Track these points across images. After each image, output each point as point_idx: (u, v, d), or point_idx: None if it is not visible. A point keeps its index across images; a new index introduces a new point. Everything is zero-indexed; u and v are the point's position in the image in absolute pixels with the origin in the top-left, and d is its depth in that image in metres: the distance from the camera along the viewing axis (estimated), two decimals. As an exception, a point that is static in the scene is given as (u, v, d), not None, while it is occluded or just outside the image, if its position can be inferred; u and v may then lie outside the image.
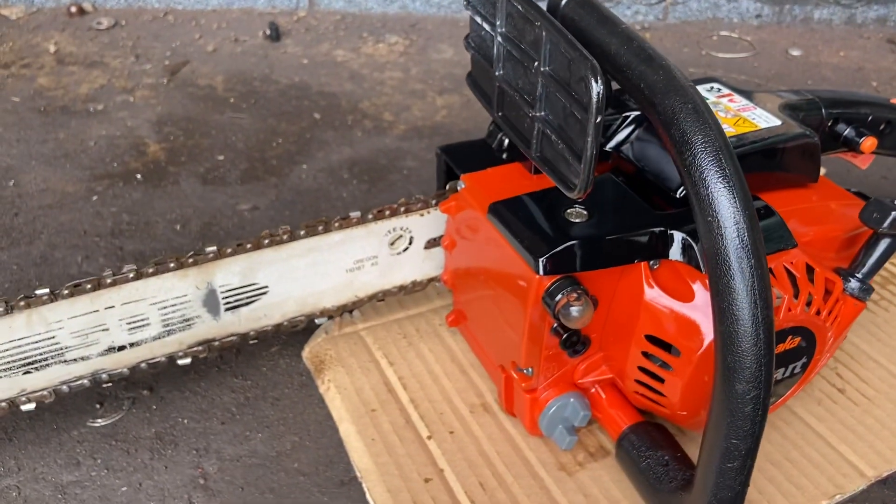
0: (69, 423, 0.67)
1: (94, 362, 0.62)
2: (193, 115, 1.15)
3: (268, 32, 1.38)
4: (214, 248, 0.63)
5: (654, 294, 0.51)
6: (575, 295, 0.48)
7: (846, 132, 0.67)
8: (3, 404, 0.60)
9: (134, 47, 1.34)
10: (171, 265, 0.61)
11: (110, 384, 0.65)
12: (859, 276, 0.56)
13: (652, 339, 0.52)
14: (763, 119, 0.58)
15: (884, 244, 0.55)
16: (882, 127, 0.69)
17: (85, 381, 0.62)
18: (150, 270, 0.61)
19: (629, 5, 1.43)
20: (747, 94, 0.63)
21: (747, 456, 0.42)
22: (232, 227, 0.92)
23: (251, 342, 0.68)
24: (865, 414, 0.65)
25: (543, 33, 0.47)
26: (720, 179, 0.39)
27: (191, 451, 0.65)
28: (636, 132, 0.58)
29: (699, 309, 0.49)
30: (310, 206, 0.96)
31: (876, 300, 0.77)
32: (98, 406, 0.69)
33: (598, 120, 0.44)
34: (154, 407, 0.69)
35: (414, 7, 1.44)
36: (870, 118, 0.68)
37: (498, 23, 0.52)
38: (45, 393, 0.61)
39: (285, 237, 0.65)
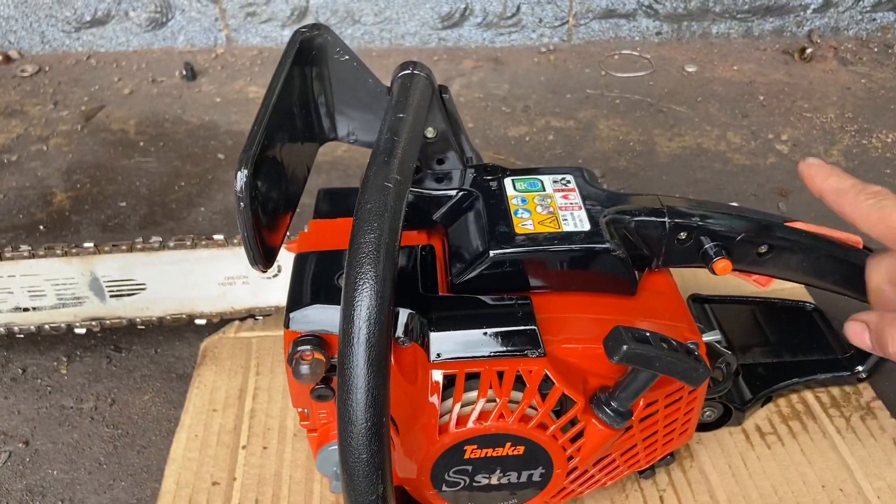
0: (-55, 480, 0.72)
1: (5, 315, 0.80)
2: (103, 161, 1.19)
3: (184, 72, 1.42)
4: (92, 243, 0.78)
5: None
6: (308, 354, 0.52)
7: (704, 248, 0.61)
8: None
9: (54, 94, 1.39)
10: (59, 252, 0.77)
11: (21, 336, 0.82)
12: (613, 403, 0.54)
13: None
14: (575, 223, 0.58)
15: (637, 374, 0.52)
16: (762, 249, 0.62)
17: (0, 328, 0.80)
18: (41, 253, 0.76)
19: (534, 29, 1.47)
20: (592, 193, 0.62)
21: None
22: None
23: (139, 328, 0.82)
24: None
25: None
26: (362, 281, 0.44)
27: (57, 502, 0.70)
28: (453, 207, 0.62)
29: (418, 392, 0.53)
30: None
31: (780, 432, 0.72)
32: (-24, 461, 0.74)
33: (242, 207, 0.49)
34: (27, 460, 0.74)
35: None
36: (740, 237, 0.61)
37: None
38: None
39: (156, 245, 0.78)
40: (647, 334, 0.50)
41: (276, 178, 0.56)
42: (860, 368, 0.75)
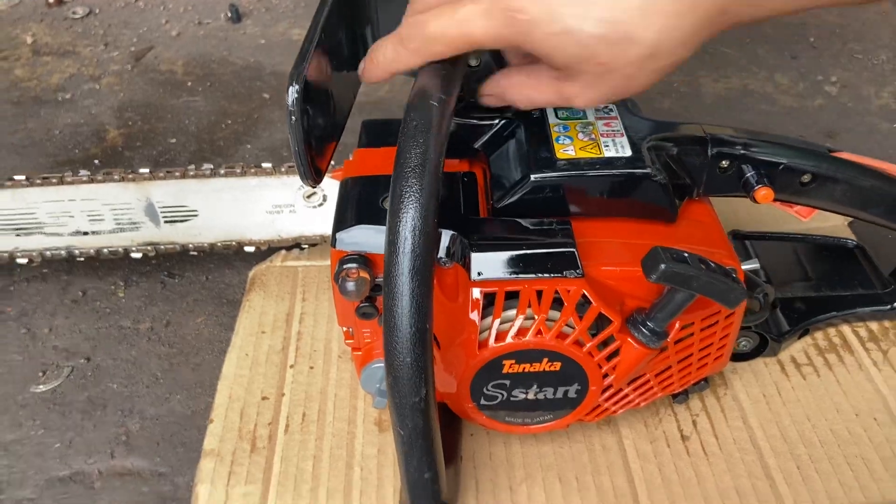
0: (14, 390, 0.77)
1: (66, 239, 0.84)
2: (152, 99, 1.22)
3: (229, 14, 1.44)
4: (147, 169, 0.81)
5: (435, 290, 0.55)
6: (354, 271, 0.54)
7: (746, 176, 0.61)
8: (5, 255, 0.84)
9: (104, 35, 1.41)
10: (116, 178, 0.80)
11: (81, 259, 0.86)
12: (650, 322, 0.55)
13: None
14: (617, 149, 0.59)
15: (674, 294, 0.53)
16: (805, 179, 0.62)
17: (62, 251, 0.84)
18: (100, 178, 0.80)
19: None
20: (634, 122, 0.61)
21: (412, 444, 0.50)
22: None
23: (192, 254, 0.86)
24: (688, 467, 0.65)
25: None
26: (407, 193, 0.45)
27: (117, 412, 0.75)
28: (494, 135, 0.63)
29: (459, 310, 0.55)
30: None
31: (816, 364, 0.73)
32: (41, 374, 0.79)
33: (293, 121, 0.50)
34: (89, 374, 0.78)
35: (370, -19, 1.48)
36: (781, 166, 0.61)
37: None
38: (33, 254, 0.84)
39: (208, 173, 0.81)
40: (686, 255, 0.51)
41: (323, 101, 0.57)
42: (901, 302, 0.75)
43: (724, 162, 0.60)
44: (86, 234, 0.84)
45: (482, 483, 0.64)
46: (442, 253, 0.54)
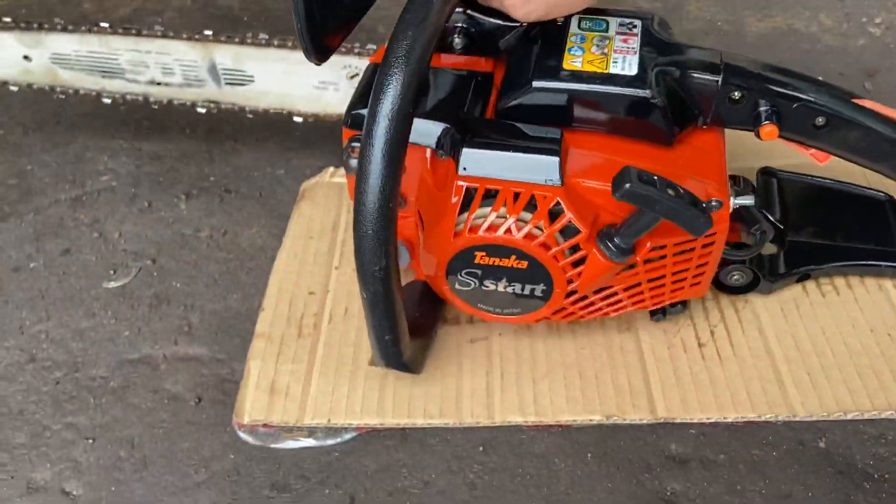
0: (89, 285, 0.85)
1: (142, 87, 0.93)
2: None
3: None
4: (210, 31, 0.89)
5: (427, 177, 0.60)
6: (357, 149, 0.55)
7: (759, 110, 0.60)
8: (93, 93, 0.94)
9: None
10: (184, 36, 0.89)
11: (157, 107, 0.95)
12: (616, 238, 0.57)
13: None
14: (623, 66, 0.60)
15: (640, 215, 0.55)
16: (819, 120, 0.61)
17: (139, 97, 0.94)
18: (171, 34, 0.89)
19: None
20: (655, 41, 0.62)
21: (373, 308, 0.56)
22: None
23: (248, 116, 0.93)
24: (703, 370, 0.68)
25: None
26: (387, 82, 0.49)
27: (180, 307, 0.82)
28: (518, 37, 0.66)
29: (445, 199, 0.59)
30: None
31: (837, 284, 0.74)
32: (112, 272, 0.86)
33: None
34: (155, 274, 0.86)
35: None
36: (797, 104, 0.59)
37: None
38: (116, 96, 0.94)
39: (263, 42, 0.87)
40: (655, 178, 0.53)
41: None
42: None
43: (735, 93, 0.60)
44: (159, 84, 0.92)
45: (507, 375, 0.70)
46: (431, 143, 0.58)
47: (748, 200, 0.63)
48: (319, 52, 0.58)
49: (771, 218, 0.73)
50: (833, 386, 0.67)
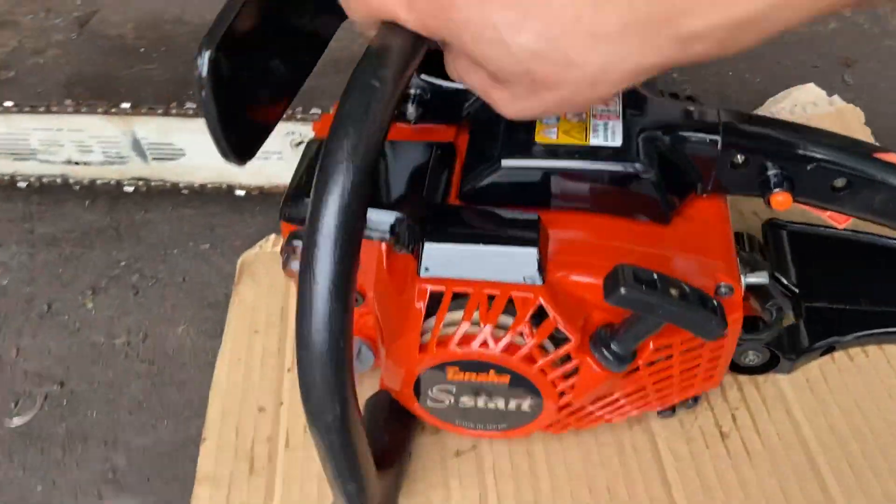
0: (-16, 428, 0.70)
1: (59, 167, 0.85)
2: (103, 71, 1.11)
3: (180, -35, 1.30)
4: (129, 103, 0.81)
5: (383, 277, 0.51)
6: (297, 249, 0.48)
7: (767, 174, 0.52)
8: (6, 178, 0.86)
9: (44, 0, 1.28)
10: (100, 110, 0.81)
11: (78, 187, 0.86)
12: (614, 344, 0.49)
13: None
14: (605, 136, 0.52)
15: (641, 317, 0.47)
16: (838, 182, 0.52)
17: (57, 179, 0.86)
18: (84, 110, 0.81)
19: None
20: (639, 101, 0.54)
21: (330, 459, 0.44)
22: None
23: (183, 192, 0.85)
24: (729, 469, 0.59)
25: None
26: (335, 158, 0.38)
27: (100, 445, 0.68)
28: (482, 103, 0.54)
29: (406, 304, 0.50)
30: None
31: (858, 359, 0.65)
32: (13, 405, 0.72)
33: (203, 94, 0.42)
34: (65, 402, 0.72)
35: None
36: (812, 166, 0.51)
37: None
38: (32, 179, 0.86)
39: (190, 112, 0.80)
40: (655, 276, 0.44)
41: (263, 59, 0.48)
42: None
43: (738, 156, 0.52)
44: (77, 163, 0.85)
45: (504, 498, 0.59)
46: (385, 236, 0.48)
47: (762, 279, 0.55)
48: (241, 154, 0.48)
49: (785, 281, 0.63)
50: (878, 476, 0.58)
